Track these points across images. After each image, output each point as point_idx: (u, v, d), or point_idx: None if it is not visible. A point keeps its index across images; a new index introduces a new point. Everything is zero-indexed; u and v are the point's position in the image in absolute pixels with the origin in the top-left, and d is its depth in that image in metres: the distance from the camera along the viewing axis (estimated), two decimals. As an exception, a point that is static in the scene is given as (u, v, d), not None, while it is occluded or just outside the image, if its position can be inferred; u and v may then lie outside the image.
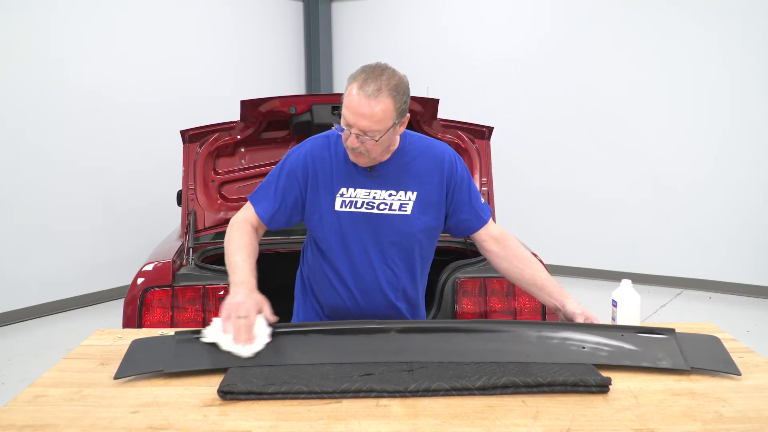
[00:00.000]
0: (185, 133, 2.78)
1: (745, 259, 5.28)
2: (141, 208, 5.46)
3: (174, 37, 5.76)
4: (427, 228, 1.81)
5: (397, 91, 1.60)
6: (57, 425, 1.19)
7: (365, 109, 1.56)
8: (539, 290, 1.78)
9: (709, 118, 5.30)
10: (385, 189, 1.75)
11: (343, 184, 1.75)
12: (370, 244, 1.78)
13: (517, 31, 6.11)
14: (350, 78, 1.62)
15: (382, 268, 1.80)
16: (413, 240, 1.80)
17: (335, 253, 1.79)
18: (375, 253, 1.79)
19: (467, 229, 1.86)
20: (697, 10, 5.26)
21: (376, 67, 1.61)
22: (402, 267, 1.82)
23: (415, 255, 1.83)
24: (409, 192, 1.76)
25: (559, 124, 5.95)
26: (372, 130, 1.59)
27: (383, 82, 1.57)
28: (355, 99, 1.57)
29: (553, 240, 5.92)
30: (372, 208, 1.76)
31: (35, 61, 4.74)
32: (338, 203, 1.76)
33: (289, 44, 6.98)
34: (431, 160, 1.79)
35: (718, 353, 1.49)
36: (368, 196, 1.75)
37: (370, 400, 1.28)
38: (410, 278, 1.86)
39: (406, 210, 1.77)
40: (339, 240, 1.78)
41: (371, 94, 1.56)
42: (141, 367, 1.43)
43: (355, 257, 1.79)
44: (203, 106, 5.63)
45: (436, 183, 1.78)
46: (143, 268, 2.40)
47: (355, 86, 1.58)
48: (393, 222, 1.77)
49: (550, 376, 1.33)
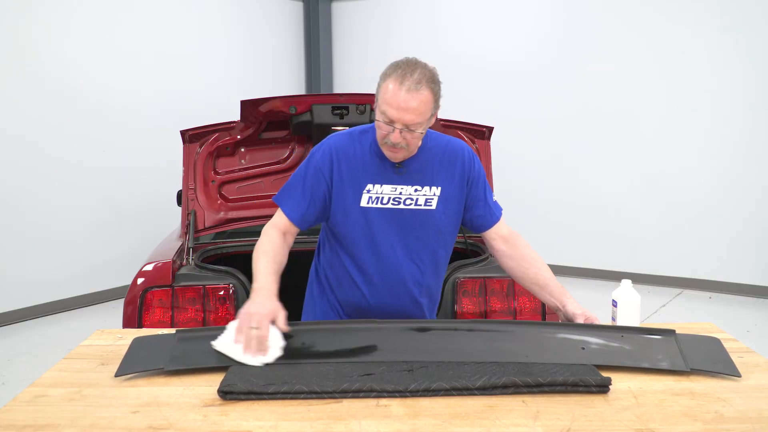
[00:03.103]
0: (185, 133, 2.78)
1: (745, 259, 5.28)
2: (141, 208, 5.46)
3: (174, 37, 5.76)
4: (450, 223, 1.82)
5: (434, 82, 1.63)
6: (57, 425, 1.19)
7: (410, 102, 1.58)
8: (541, 289, 1.79)
9: (709, 118, 5.30)
10: (410, 184, 1.77)
11: (369, 180, 1.76)
12: (396, 239, 1.78)
13: (517, 31, 6.11)
14: (383, 76, 1.63)
15: (407, 264, 1.80)
16: (438, 235, 1.81)
17: (360, 249, 1.79)
18: (401, 249, 1.79)
19: (480, 226, 1.87)
20: (697, 11, 5.26)
21: (409, 62, 1.63)
22: (427, 263, 1.83)
23: (439, 250, 1.84)
24: (434, 187, 1.78)
25: (559, 125, 5.95)
26: (415, 123, 1.61)
27: (421, 75, 1.60)
28: (396, 95, 1.58)
29: (553, 240, 5.92)
30: (398, 203, 1.77)
31: (35, 61, 4.74)
32: (365, 199, 1.76)
33: (289, 44, 6.98)
34: (452, 155, 1.81)
35: (718, 354, 1.49)
36: (395, 191, 1.76)
37: (370, 400, 1.28)
38: (434, 274, 1.87)
39: (431, 205, 1.78)
40: (364, 236, 1.78)
41: (412, 88, 1.58)
42: (142, 365, 1.43)
43: (381, 253, 1.79)
44: (203, 106, 5.63)
45: (456, 178, 1.80)
46: (143, 268, 2.40)
47: (393, 83, 1.59)
48: (419, 217, 1.78)
49: (550, 376, 1.33)
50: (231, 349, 1.44)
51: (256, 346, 1.43)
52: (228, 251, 2.84)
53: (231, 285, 2.36)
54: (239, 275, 2.41)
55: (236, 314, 2.34)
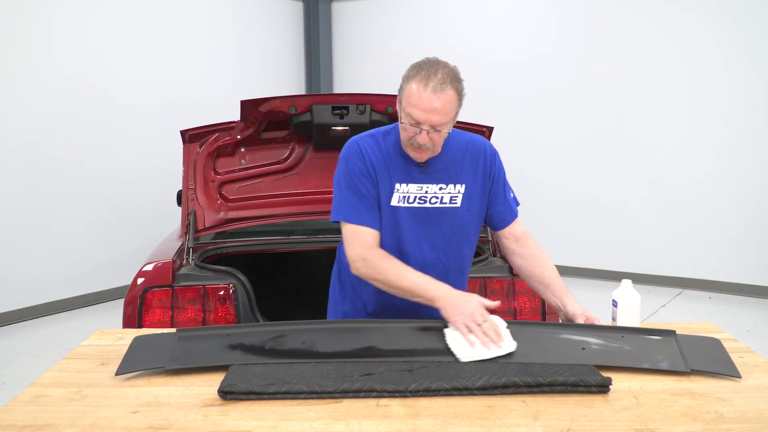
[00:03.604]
0: (185, 133, 2.78)
1: (745, 259, 5.28)
2: (141, 208, 5.46)
3: (174, 37, 5.76)
4: (474, 220, 1.83)
5: (457, 80, 1.63)
6: (57, 425, 1.19)
7: (435, 103, 1.58)
8: (545, 288, 1.80)
9: (709, 118, 5.30)
10: (435, 183, 1.77)
11: (397, 180, 1.76)
12: (422, 238, 1.79)
13: (517, 31, 6.11)
14: (406, 78, 1.63)
15: (433, 262, 1.80)
16: (463, 232, 1.82)
17: (387, 248, 1.78)
18: (427, 247, 1.79)
19: (500, 222, 1.88)
20: (697, 11, 5.25)
21: (431, 62, 1.63)
22: (452, 260, 1.83)
23: (464, 248, 1.85)
24: (459, 185, 1.78)
25: (559, 125, 5.95)
26: (442, 123, 1.62)
27: (444, 75, 1.59)
28: (422, 96, 1.58)
29: (553, 240, 5.90)
30: (424, 202, 1.77)
31: (35, 61, 4.73)
32: (395, 198, 1.76)
33: (289, 44, 6.98)
34: (474, 152, 1.82)
35: (718, 355, 1.49)
36: (420, 190, 1.76)
37: (370, 400, 1.29)
38: (460, 271, 1.88)
39: (456, 203, 1.78)
40: (391, 235, 1.78)
41: (438, 89, 1.58)
42: (142, 364, 1.43)
43: (407, 252, 1.78)
44: (203, 106, 5.63)
45: (479, 175, 1.81)
46: (143, 268, 2.40)
47: (417, 84, 1.59)
48: (444, 215, 1.78)
49: (551, 376, 1.33)
50: (473, 352, 1.45)
51: (494, 336, 1.47)
52: (228, 251, 2.83)
53: (231, 285, 2.35)
54: (239, 275, 2.40)
55: (236, 314, 2.37)
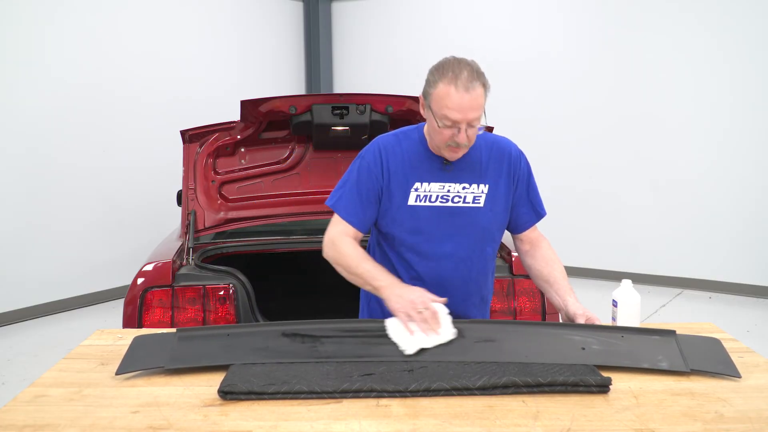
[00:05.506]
0: (185, 133, 2.78)
1: (745, 259, 5.28)
2: (141, 208, 5.46)
3: (174, 37, 5.76)
4: (497, 220, 1.82)
5: (481, 74, 1.64)
6: (57, 425, 1.19)
7: (471, 102, 1.59)
8: (549, 286, 1.81)
9: (710, 118, 5.30)
10: (458, 182, 1.76)
11: (417, 179, 1.76)
12: (445, 237, 1.77)
13: (517, 31, 6.11)
14: (432, 83, 1.63)
15: (455, 261, 1.80)
16: (485, 232, 1.81)
17: (407, 248, 1.78)
18: (449, 247, 1.78)
19: (524, 224, 1.89)
20: (697, 11, 5.25)
21: (453, 62, 1.64)
22: (475, 260, 1.83)
23: (486, 248, 1.84)
24: (482, 185, 1.78)
25: (559, 125, 5.95)
26: (476, 118, 1.63)
27: (469, 71, 1.61)
28: (456, 97, 1.58)
29: (554, 240, 5.84)
30: (446, 201, 1.76)
31: (35, 62, 4.73)
32: (412, 198, 1.76)
33: (289, 44, 6.98)
34: (499, 153, 1.82)
35: (718, 355, 1.49)
36: (442, 189, 1.76)
37: (370, 400, 1.28)
38: (483, 271, 1.87)
39: (479, 202, 1.78)
40: (412, 235, 1.77)
41: (469, 87, 1.59)
42: (142, 364, 1.43)
43: (429, 252, 1.78)
44: (203, 106, 5.63)
45: (504, 176, 1.81)
46: (143, 268, 2.40)
47: (446, 86, 1.59)
48: (467, 215, 1.77)
49: (551, 376, 1.33)
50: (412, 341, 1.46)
51: (433, 322, 1.48)
52: (228, 251, 2.83)
53: (231, 285, 2.35)
54: (239, 275, 2.40)
55: (236, 314, 2.37)
